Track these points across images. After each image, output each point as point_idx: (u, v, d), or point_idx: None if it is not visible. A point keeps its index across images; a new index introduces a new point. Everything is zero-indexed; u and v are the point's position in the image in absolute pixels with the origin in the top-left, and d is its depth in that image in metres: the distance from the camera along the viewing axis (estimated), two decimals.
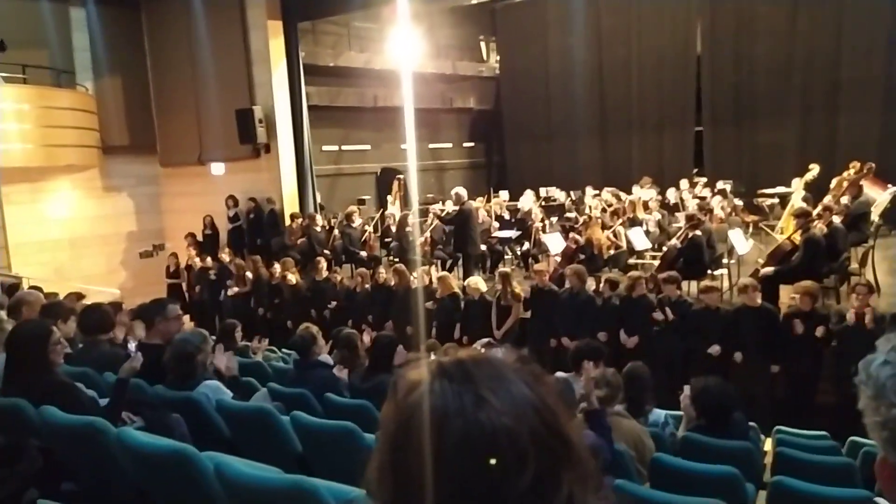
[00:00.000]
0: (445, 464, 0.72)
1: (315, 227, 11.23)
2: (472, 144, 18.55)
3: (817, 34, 13.39)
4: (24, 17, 11.74)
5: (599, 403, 3.80)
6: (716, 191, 12.31)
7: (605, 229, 9.76)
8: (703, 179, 13.63)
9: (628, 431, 3.83)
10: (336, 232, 11.29)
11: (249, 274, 10.36)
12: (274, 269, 10.07)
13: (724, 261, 8.79)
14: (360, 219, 11.64)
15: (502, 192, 14.20)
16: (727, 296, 8.03)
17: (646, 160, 15.66)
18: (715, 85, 14.72)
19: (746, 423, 4.30)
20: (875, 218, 8.97)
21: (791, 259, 7.45)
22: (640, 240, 9.40)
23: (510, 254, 11.08)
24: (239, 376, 4.57)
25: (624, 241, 9.66)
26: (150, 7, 13.30)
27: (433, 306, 8.38)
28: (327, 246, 11.05)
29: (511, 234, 10.78)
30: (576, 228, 9.91)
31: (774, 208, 11.59)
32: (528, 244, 10.65)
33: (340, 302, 9.29)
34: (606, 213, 10.59)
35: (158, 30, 13.19)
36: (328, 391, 4.41)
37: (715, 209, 10.40)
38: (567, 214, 11.99)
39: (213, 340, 5.09)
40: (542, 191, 13.70)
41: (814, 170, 10.38)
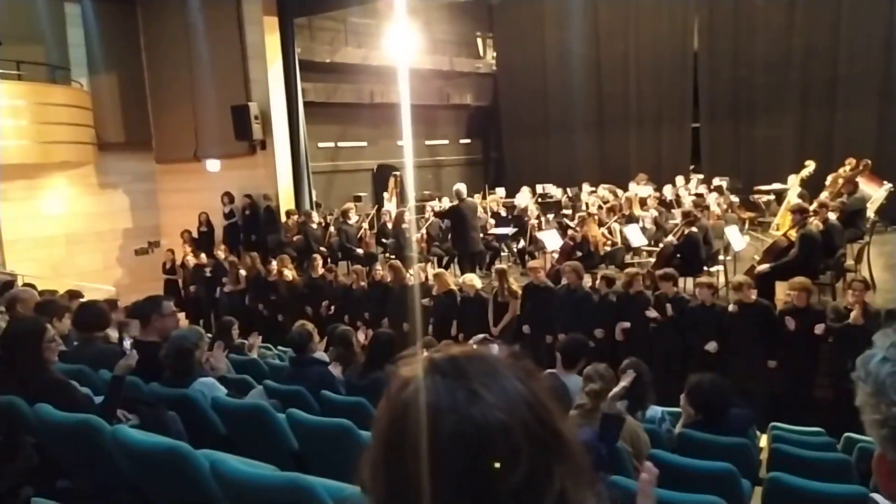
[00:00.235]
0: (439, 458, 0.73)
1: (311, 223, 11.20)
2: (468, 141, 18.53)
3: (815, 30, 13.37)
4: (18, 12, 11.68)
5: (594, 399, 3.81)
6: (712, 187, 12.31)
7: (602, 226, 9.77)
8: (699, 176, 13.64)
9: (625, 428, 3.83)
10: (332, 229, 11.27)
11: (243, 271, 10.34)
12: (271, 267, 10.05)
13: (721, 257, 8.80)
14: (356, 216, 11.62)
15: (499, 189, 14.21)
16: (723, 292, 8.03)
17: (643, 156, 15.65)
18: (712, 81, 14.70)
19: (746, 419, 4.29)
20: (871, 214, 8.99)
21: (787, 255, 7.46)
22: (636, 236, 9.40)
23: (506, 251, 11.07)
24: (226, 375, 4.56)
25: (619, 238, 9.66)
26: (145, 2, 13.25)
27: (430, 303, 8.38)
28: (323, 243, 11.04)
29: (507, 230, 10.77)
30: (572, 225, 9.91)
31: (770, 205, 11.59)
32: (524, 241, 10.65)
33: (336, 301, 9.26)
34: (603, 210, 10.59)
35: (154, 25, 13.13)
36: (324, 388, 4.40)
37: (711, 206, 10.41)
38: (563, 211, 12.00)
39: (210, 338, 5.08)
40: (539, 187, 13.69)
41: (810, 166, 10.41)
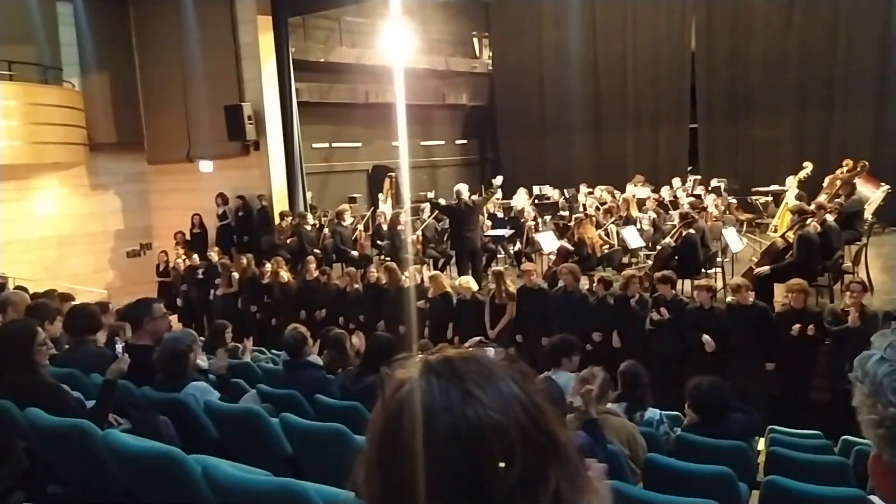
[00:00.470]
0: (433, 459, 0.73)
1: (306, 225, 11.15)
2: (464, 141, 18.49)
3: (812, 30, 13.38)
4: (10, 12, 11.61)
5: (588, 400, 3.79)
6: (710, 189, 12.31)
7: (599, 228, 9.75)
8: (696, 177, 13.63)
9: (620, 429, 3.83)
10: (327, 230, 11.20)
11: (236, 274, 10.28)
12: (265, 269, 9.99)
13: (719, 259, 8.80)
14: (351, 217, 11.56)
15: (498, 191, 14.14)
16: (721, 294, 8.02)
17: (640, 157, 15.64)
18: (710, 81, 14.69)
19: (750, 426, 4.28)
20: (868, 216, 9.00)
21: (785, 257, 7.46)
22: (633, 238, 9.39)
23: (503, 252, 11.04)
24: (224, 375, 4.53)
25: (616, 240, 9.64)
26: (138, 2, 13.19)
27: (425, 305, 8.33)
28: (318, 245, 10.97)
29: (504, 232, 10.74)
30: (568, 227, 9.89)
31: (768, 206, 11.60)
32: (520, 243, 10.62)
33: (330, 303, 9.18)
34: (600, 212, 10.57)
35: (146, 25, 13.07)
36: (318, 392, 4.36)
37: (709, 207, 10.40)
38: (560, 213, 11.98)
39: (203, 341, 5.04)
40: (535, 189, 13.67)
41: (807, 167, 10.42)
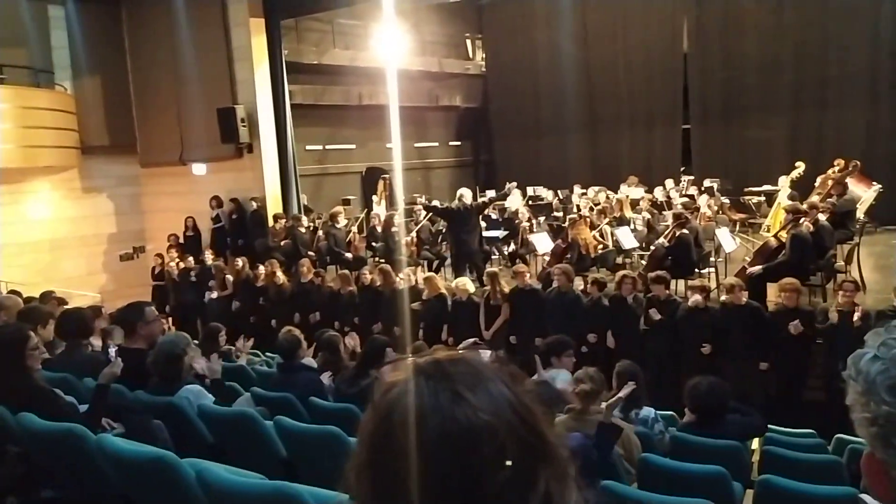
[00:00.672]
0: (423, 460, 0.73)
1: (300, 228, 11.12)
2: (458, 143, 18.50)
3: (804, 31, 13.44)
4: (1, 15, 11.56)
5: (584, 401, 3.80)
6: (703, 189, 12.35)
7: (593, 228, 9.76)
8: (689, 178, 13.67)
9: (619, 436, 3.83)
10: (321, 233, 11.18)
11: (230, 276, 10.24)
12: (258, 271, 9.96)
13: (712, 259, 8.82)
14: (345, 219, 11.54)
15: (489, 192, 14.15)
16: (714, 294, 8.04)
17: (634, 158, 15.68)
18: (702, 82, 14.75)
19: (749, 427, 4.29)
20: (860, 215, 9.04)
21: (778, 257, 7.48)
22: (627, 239, 9.41)
23: (497, 254, 11.04)
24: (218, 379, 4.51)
25: (610, 241, 9.66)
26: (130, 4, 13.12)
27: (420, 307, 8.32)
28: (312, 247, 10.95)
29: (498, 233, 10.75)
30: (562, 227, 9.89)
31: (761, 206, 11.64)
32: (514, 244, 10.63)
33: (324, 306, 9.15)
34: (593, 212, 10.59)
35: (139, 27, 13.01)
36: (313, 395, 4.36)
37: (702, 207, 10.43)
38: (554, 214, 11.99)
39: (197, 344, 5.03)
40: (530, 190, 13.68)
41: (800, 167, 10.47)
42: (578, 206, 11.52)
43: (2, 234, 11.49)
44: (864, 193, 9.53)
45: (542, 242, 9.61)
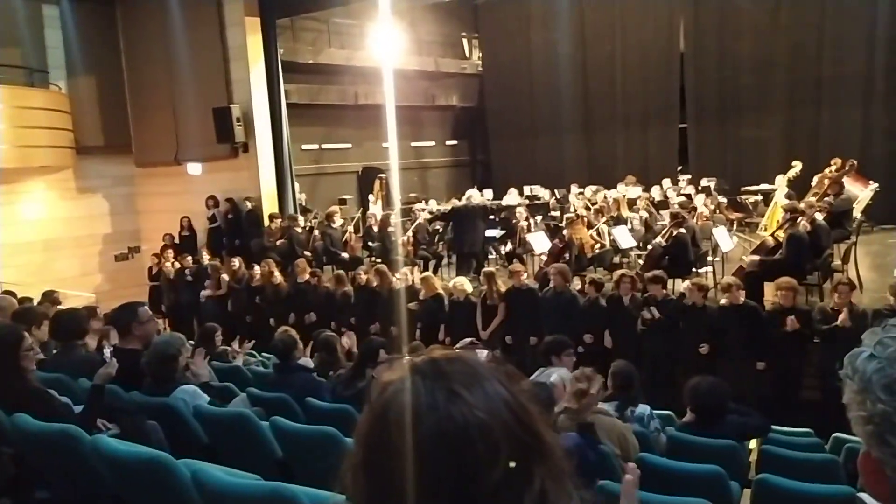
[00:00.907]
0: (419, 458, 0.73)
1: (297, 227, 11.09)
2: (455, 142, 18.49)
3: (800, 31, 13.47)
4: None
5: (579, 400, 3.80)
6: (700, 188, 12.36)
7: (590, 228, 9.75)
8: (686, 177, 13.68)
9: (611, 429, 3.84)
10: (317, 233, 11.15)
11: (226, 276, 10.21)
12: (254, 271, 9.93)
13: (709, 258, 8.82)
14: (341, 219, 11.52)
15: (486, 191, 14.15)
16: (712, 294, 8.04)
17: (631, 157, 15.68)
18: (699, 82, 14.76)
19: (747, 426, 4.28)
20: (857, 214, 9.05)
21: (774, 256, 7.48)
22: (625, 238, 9.40)
23: (495, 253, 11.03)
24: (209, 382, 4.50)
25: (607, 240, 9.65)
26: (124, 4, 13.09)
27: (417, 307, 8.30)
28: (308, 247, 10.92)
29: (496, 233, 10.73)
30: (559, 227, 9.88)
31: (758, 205, 11.65)
32: (512, 244, 10.61)
33: (320, 308, 9.13)
34: (591, 212, 10.58)
35: (133, 27, 12.97)
36: (309, 395, 4.34)
37: (699, 207, 10.43)
38: (551, 213, 11.98)
39: (192, 345, 5.00)
40: (526, 189, 13.67)
41: (797, 166, 10.48)
42: (575, 207, 11.50)
43: None
44: (861, 193, 9.54)
45: (540, 242, 9.60)
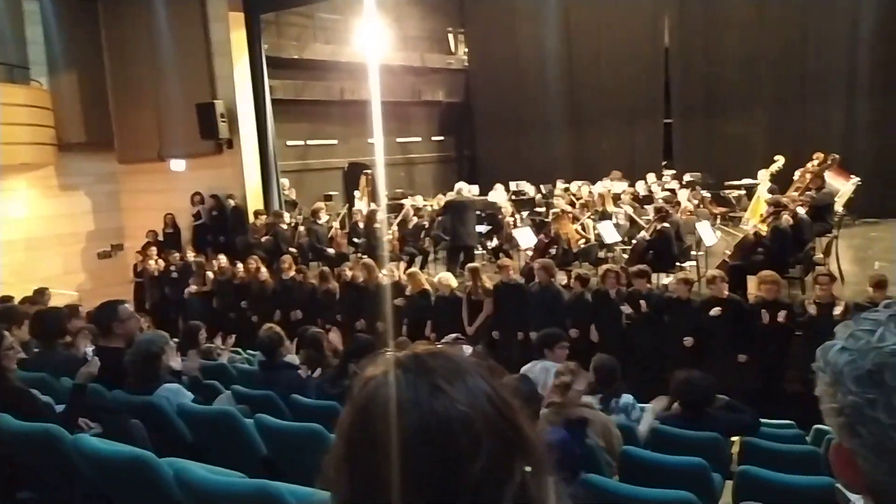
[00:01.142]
0: (401, 453, 0.74)
1: (282, 224, 11.04)
2: (441, 138, 18.45)
3: (784, 26, 13.55)
4: None
5: (563, 394, 3.84)
6: (684, 183, 12.43)
7: (575, 222, 9.79)
8: (670, 172, 13.76)
9: (596, 422, 3.87)
10: (302, 229, 11.10)
11: (210, 273, 10.14)
12: (238, 268, 9.88)
13: (693, 253, 8.88)
14: (326, 215, 11.48)
15: (473, 187, 14.16)
16: (695, 287, 8.11)
17: (616, 152, 15.73)
18: (684, 77, 14.82)
19: (737, 422, 4.32)
20: (839, 208, 9.15)
21: (757, 250, 7.55)
22: (610, 233, 9.44)
23: (481, 248, 11.04)
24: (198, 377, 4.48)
25: (592, 235, 9.69)
26: None
27: (403, 303, 8.29)
28: (293, 244, 10.88)
29: (482, 228, 10.74)
30: (545, 222, 9.91)
31: (741, 200, 11.75)
32: (497, 239, 10.63)
33: (306, 304, 9.08)
34: (576, 207, 10.61)
35: (116, 22, 12.82)
36: (295, 393, 4.33)
37: (683, 201, 10.49)
38: (537, 209, 12.01)
39: (176, 342, 4.97)
40: (513, 185, 13.69)
41: (779, 161, 10.56)
42: (556, 204, 11.52)
43: None
44: (843, 187, 9.64)
45: (526, 237, 9.62)
